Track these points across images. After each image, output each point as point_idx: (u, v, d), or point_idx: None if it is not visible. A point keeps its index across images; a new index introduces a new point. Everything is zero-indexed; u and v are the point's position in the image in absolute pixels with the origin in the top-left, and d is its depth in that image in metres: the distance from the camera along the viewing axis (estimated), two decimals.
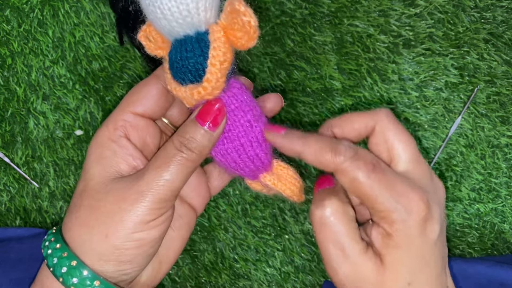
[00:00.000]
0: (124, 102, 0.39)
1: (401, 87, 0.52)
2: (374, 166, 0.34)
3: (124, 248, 0.34)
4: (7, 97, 0.53)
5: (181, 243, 0.41)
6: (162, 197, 0.35)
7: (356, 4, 0.51)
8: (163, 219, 0.35)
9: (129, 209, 0.34)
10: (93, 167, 0.37)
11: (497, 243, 0.53)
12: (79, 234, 0.35)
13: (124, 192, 0.35)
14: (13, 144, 0.53)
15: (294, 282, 0.54)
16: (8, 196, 0.54)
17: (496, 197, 0.52)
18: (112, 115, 0.39)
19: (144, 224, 0.34)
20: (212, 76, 0.34)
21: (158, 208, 0.35)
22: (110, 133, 0.38)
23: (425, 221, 0.33)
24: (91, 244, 0.34)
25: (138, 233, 0.34)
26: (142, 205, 0.34)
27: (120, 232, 0.34)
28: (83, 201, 0.36)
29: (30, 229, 0.52)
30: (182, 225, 0.41)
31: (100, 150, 0.37)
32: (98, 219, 0.35)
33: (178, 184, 0.35)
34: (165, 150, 0.36)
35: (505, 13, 0.51)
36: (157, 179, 0.35)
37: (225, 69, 0.35)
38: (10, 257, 0.47)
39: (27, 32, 0.53)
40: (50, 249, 0.35)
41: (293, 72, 0.52)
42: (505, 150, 0.52)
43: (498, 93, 0.51)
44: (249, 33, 0.34)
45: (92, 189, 0.36)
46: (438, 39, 0.51)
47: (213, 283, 0.54)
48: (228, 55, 0.34)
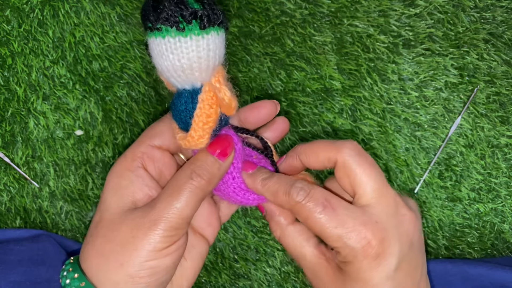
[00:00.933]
0: (143, 136, 0.41)
1: (401, 87, 0.52)
2: (324, 206, 0.35)
3: (138, 277, 0.35)
4: (7, 97, 0.53)
5: (194, 272, 0.42)
6: (174, 225, 0.35)
7: (356, 4, 0.51)
8: (175, 247, 0.36)
9: (142, 237, 0.35)
10: (110, 197, 0.38)
11: (497, 243, 0.53)
12: (95, 264, 0.36)
13: (137, 221, 0.36)
14: (13, 144, 0.53)
15: (294, 282, 0.54)
16: (8, 196, 0.54)
17: (496, 197, 0.52)
18: (131, 148, 0.40)
19: (157, 252, 0.35)
20: (195, 133, 0.37)
21: (170, 235, 0.35)
22: (128, 164, 0.39)
23: (377, 256, 0.35)
24: (107, 274, 0.35)
25: (151, 261, 0.35)
26: (155, 233, 0.35)
27: (134, 261, 0.35)
28: (98, 232, 0.37)
29: (30, 231, 0.52)
30: (195, 255, 0.42)
31: (118, 180, 0.38)
32: (113, 249, 0.36)
33: (188, 211, 0.36)
34: (176, 178, 0.37)
35: (505, 13, 0.51)
36: (169, 207, 0.35)
37: (209, 129, 0.37)
38: (9, 259, 0.47)
39: (27, 32, 0.53)
40: (69, 279, 0.36)
41: (293, 72, 0.52)
42: (505, 150, 0.52)
43: (498, 93, 0.52)
44: (226, 106, 0.37)
45: (108, 219, 0.37)
46: (438, 39, 0.51)
47: (213, 283, 0.55)
48: (212, 117, 0.37)
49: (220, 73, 0.36)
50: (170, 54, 0.35)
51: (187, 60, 0.35)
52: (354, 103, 0.52)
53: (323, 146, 0.38)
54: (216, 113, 0.37)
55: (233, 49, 0.52)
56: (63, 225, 0.53)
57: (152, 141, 0.40)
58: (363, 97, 0.52)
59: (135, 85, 0.53)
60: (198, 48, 0.35)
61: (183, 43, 0.34)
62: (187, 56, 0.35)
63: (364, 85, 0.52)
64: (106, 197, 0.38)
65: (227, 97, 0.36)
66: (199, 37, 0.34)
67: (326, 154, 0.38)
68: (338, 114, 0.52)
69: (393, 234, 0.35)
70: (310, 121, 0.53)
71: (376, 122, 0.52)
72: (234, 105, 0.37)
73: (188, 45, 0.35)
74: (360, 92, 0.52)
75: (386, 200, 0.36)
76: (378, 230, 0.35)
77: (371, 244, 0.34)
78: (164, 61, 0.35)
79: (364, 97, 0.52)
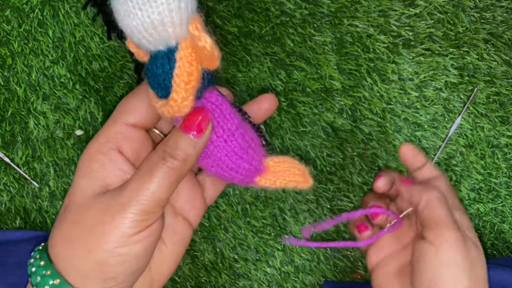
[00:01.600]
0: (116, 113, 0.38)
1: (401, 87, 0.52)
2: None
3: (108, 265, 0.32)
4: (7, 97, 0.53)
5: (175, 259, 0.39)
6: (146, 208, 0.33)
7: (356, 4, 0.51)
8: (147, 233, 0.33)
9: (111, 221, 0.32)
10: (80, 180, 0.35)
11: (496, 243, 0.53)
12: (62, 249, 0.34)
13: (106, 204, 0.33)
14: (13, 144, 0.53)
15: (294, 282, 0.54)
16: (8, 196, 0.54)
17: (496, 197, 0.52)
18: (104, 128, 0.37)
19: (127, 238, 0.32)
20: (177, 95, 0.33)
21: (142, 220, 0.33)
22: (101, 146, 0.36)
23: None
24: (73, 261, 0.33)
25: (121, 247, 0.32)
26: (125, 217, 0.32)
27: (102, 247, 0.32)
28: (66, 216, 0.35)
29: (29, 232, 0.52)
30: (176, 240, 0.39)
31: (88, 163, 0.36)
32: (80, 233, 0.33)
33: (162, 194, 0.33)
34: (149, 159, 0.34)
35: (505, 13, 0.51)
36: (140, 190, 0.33)
37: (192, 88, 0.34)
38: (8, 261, 0.46)
39: (27, 32, 0.53)
40: (34, 266, 0.34)
41: (293, 72, 0.52)
42: (504, 150, 0.52)
43: (498, 93, 0.52)
44: (208, 57, 0.33)
45: (76, 203, 0.35)
46: (437, 39, 0.51)
47: (213, 283, 0.54)
48: (194, 75, 0.33)
49: (197, 20, 0.32)
50: (138, 11, 0.32)
51: (157, 15, 0.32)
52: (354, 103, 0.52)
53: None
54: (197, 70, 0.33)
55: (233, 49, 0.52)
56: None
57: (126, 119, 0.37)
58: (363, 97, 0.52)
59: (135, 85, 0.53)
60: (168, 0, 0.31)
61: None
62: (157, 10, 0.31)
63: (364, 85, 0.52)
64: (76, 181, 0.36)
65: (208, 44, 0.32)
66: None
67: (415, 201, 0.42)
68: (338, 114, 0.52)
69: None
70: (310, 121, 0.53)
71: (376, 122, 0.52)
72: (216, 54, 0.33)
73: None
74: (360, 92, 0.52)
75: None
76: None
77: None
78: (133, 21, 0.32)
79: (364, 97, 0.52)
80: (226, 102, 0.37)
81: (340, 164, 0.53)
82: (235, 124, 0.37)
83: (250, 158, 0.37)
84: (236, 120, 0.37)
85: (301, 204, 0.54)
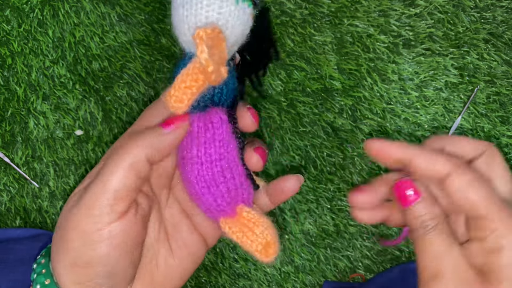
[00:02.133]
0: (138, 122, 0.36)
1: (401, 87, 0.52)
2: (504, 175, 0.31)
3: (77, 266, 0.31)
4: (7, 97, 0.53)
5: (180, 274, 0.37)
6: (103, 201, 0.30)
7: (356, 4, 0.51)
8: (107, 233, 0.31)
9: (73, 218, 0.31)
10: (100, 169, 0.34)
11: None
12: (53, 250, 0.33)
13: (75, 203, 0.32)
14: (13, 144, 0.53)
15: (294, 282, 0.54)
16: (8, 196, 0.54)
17: None
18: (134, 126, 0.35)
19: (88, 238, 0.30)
20: (173, 91, 0.33)
21: (99, 215, 0.30)
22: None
23: None
24: (54, 259, 0.32)
25: (84, 247, 0.31)
26: (82, 213, 0.30)
27: (71, 244, 0.31)
28: (67, 204, 0.34)
29: (30, 230, 0.52)
30: (185, 255, 0.37)
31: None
32: (58, 231, 0.32)
33: (115, 182, 0.30)
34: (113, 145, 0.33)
35: (505, 13, 0.51)
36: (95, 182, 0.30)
37: (190, 94, 0.33)
38: (9, 258, 0.47)
39: (27, 32, 0.53)
40: (36, 263, 0.34)
41: (293, 72, 0.52)
42: (505, 150, 0.52)
43: (498, 93, 0.51)
44: (207, 78, 0.32)
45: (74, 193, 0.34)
46: (438, 39, 0.51)
47: (213, 283, 0.54)
48: (198, 83, 0.32)
49: (209, 30, 0.31)
50: (180, 8, 0.32)
51: (193, 18, 0.32)
52: (354, 103, 0.52)
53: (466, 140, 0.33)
54: (203, 82, 0.32)
55: None
56: None
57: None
58: (363, 97, 0.52)
59: (135, 85, 0.53)
60: (208, 8, 0.31)
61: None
62: (195, 13, 0.31)
63: (364, 85, 0.52)
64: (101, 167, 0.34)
65: (202, 57, 0.31)
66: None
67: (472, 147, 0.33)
68: (338, 114, 0.52)
69: None
70: (310, 121, 0.52)
71: (376, 122, 0.52)
72: (210, 70, 0.31)
73: (199, 1, 0.31)
74: (360, 92, 0.52)
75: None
76: None
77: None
78: (176, 15, 0.32)
79: (364, 97, 0.52)
80: (226, 129, 0.35)
81: (340, 164, 0.53)
82: (219, 154, 0.35)
83: (218, 195, 0.35)
84: (223, 150, 0.35)
85: (301, 204, 0.53)
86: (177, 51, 0.53)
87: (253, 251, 0.35)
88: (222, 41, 0.32)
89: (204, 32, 0.31)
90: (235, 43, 0.34)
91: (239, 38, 0.34)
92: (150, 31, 0.53)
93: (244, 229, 0.35)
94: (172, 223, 0.37)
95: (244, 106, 0.36)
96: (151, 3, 0.52)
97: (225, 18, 0.32)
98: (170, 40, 0.53)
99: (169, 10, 0.53)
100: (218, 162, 0.35)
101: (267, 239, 0.35)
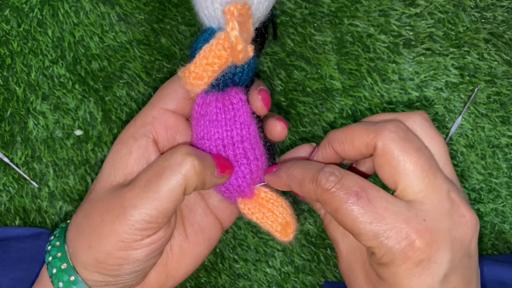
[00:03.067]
0: (155, 97, 0.35)
1: (401, 87, 0.52)
2: (358, 195, 0.29)
3: (106, 263, 0.31)
4: (7, 97, 0.53)
5: (195, 259, 0.36)
6: (146, 218, 0.30)
7: (356, 4, 0.51)
8: (149, 241, 0.31)
9: (111, 225, 0.30)
10: (106, 166, 0.34)
11: (497, 243, 0.53)
12: (72, 237, 0.33)
13: (110, 203, 0.31)
14: (12, 144, 0.53)
15: (294, 283, 0.54)
16: (7, 196, 0.53)
17: (496, 197, 0.52)
18: (142, 111, 0.35)
19: (126, 244, 0.30)
20: (194, 67, 0.32)
21: (141, 229, 0.30)
22: (135, 129, 0.34)
23: (420, 262, 0.28)
24: (78, 251, 0.32)
25: (119, 251, 0.31)
26: (123, 223, 0.30)
27: (100, 247, 0.31)
28: (84, 203, 0.34)
29: (30, 229, 0.52)
30: (201, 240, 0.36)
31: (118, 147, 0.34)
32: (85, 227, 0.32)
33: (168, 205, 0.30)
34: (164, 158, 0.31)
35: (506, 13, 0.51)
36: (145, 195, 0.30)
37: (211, 72, 0.32)
38: (10, 256, 0.47)
39: (26, 32, 0.53)
40: (51, 245, 0.33)
41: (293, 72, 0.52)
42: (505, 150, 0.52)
43: (499, 93, 0.51)
44: (232, 48, 0.31)
45: (95, 191, 0.33)
46: (438, 39, 0.51)
47: (213, 283, 0.54)
48: (220, 60, 0.31)
49: (240, 6, 0.30)
50: None
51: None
52: (354, 103, 0.52)
53: (359, 130, 0.32)
54: (226, 59, 0.31)
55: None
56: None
57: (165, 104, 0.34)
58: (364, 97, 0.52)
59: (134, 85, 0.53)
60: None
61: None
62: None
63: (364, 85, 0.52)
64: (104, 165, 0.34)
65: (233, 34, 0.29)
66: None
67: (363, 140, 0.31)
68: (339, 114, 0.52)
69: (445, 237, 0.29)
70: (310, 121, 0.52)
71: None
72: (240, 48, 0.30)
73: None
74: (361, 92, 0.52)
75: (438, 195, 0.30)
76: (425, 230, 0.28)
77: (414, 246, 0.28)
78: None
79: (365, 97, 0.52)
80: (247, 110, 0.34)
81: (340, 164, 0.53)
82: (240, 136, 0.34)
83: (239, 175, 0.35)
84: (245, 131, 0.34)
85: (301, 204, 0.53)
86: (177, 51, 0.53)
87: (273, 231, 0.35)
88: (250, 18, 0.31)
89: (236, 8, 0.29)
90: (257, 20, 0.33)
91: (263, 15, 0.32)
92: (150, 31, 0.52)
93: (263, 210, 0.35)
94: (187, 206, 0.36)
95: (256, 89, 0.35)
96: (151, 3, 0.52)
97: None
98: (170, 40, 0.52)
99: (168, 10, 0.52)
100: (240, 144, 0.34)
101: (287, 219, 0.35)
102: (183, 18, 0.52)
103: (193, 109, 0.35)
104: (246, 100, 0.35)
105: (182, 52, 0.53)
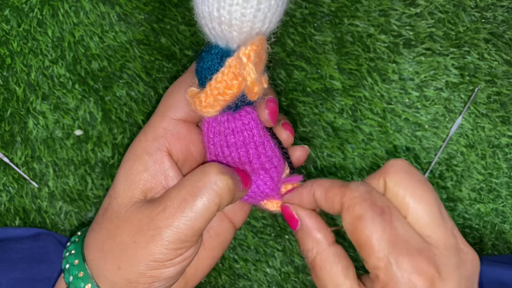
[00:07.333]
0: (162, 107, 0.34)
1: (402, 87, 0.52)
2: (383, 211, 0.28)
3: (137, 282, 0.31)
4: (6, 97, 0.53)
5: (210, 263, 0.37)
6: (182, 237, 0.30)
7: (357, 4, 0.51)
8: (181, 259, 0.32)
9: (144, 246, 0.30)
10: (120, 182, 0.33)
11: (497, 243, 0.53)
12: (94, 257, 0.33)
13: (142, 223, 0.31)
14: (12, 144, 0.53)
15: (294, 283, 0.54)
16: (7, 196, 0.53)
17: (496, 197, 0.52)
18: (151, 123, 0.34)
19: (159, 263, 0.31)
20: (205, 98, 0.31)
21: (176, 248, 0.31)
22: (148, 144, 0.33)
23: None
24: (104, 272, 0.32)
25: (152, 270, 0.31)
26: (158, 244, 0.30)
27: (132, 268, 0.31)
28: (104, 222, 0.33)
29: (30, 229, 0.52)
30: (217, 245, 0.37)
31: (132, 163, 0.33)
32: (112, 248, 0.32)
33: (202, 224, 0.31)
34: (196, 177, 0.31)
35: (506, 12, 0.51)
36: (179, 215, 0.30)
37: (223, 101, 0.31)
38: (10, 257, 0.47)
39: (26, 31, 0.53)
40: (68, 263, 0.33)
41: (293, 72, 0.52)
42: (505, 150, 0.52)
43: (499, 93, 0.51)
44: (247, 88, 0.30)
45: (114, 210, 0.33)
46: (438, 39, 0.51)
47: (213, 283, 0.54)
48: (232, 90, 0.30)
49: (256, 46, 0.29)
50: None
51: (227, 14, 0.28)
52: (354, 103, 0.52)
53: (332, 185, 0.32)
54: (238, 88, 0.30)
55: None
56: (63, 225, 0.53)
57: (174, 113, 0.33)
58: (364, 97, 0.52)
59: (134, 85, 0.53)
60: (245, 4, 0.28)
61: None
62: (229, 8, 0.28)
63: (364, 85, 0.52)
64: (117, 182, 0.33)
65: (250, 79, 0.29)
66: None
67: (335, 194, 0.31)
68: (339, 114, 0.52)
69: (454, 274, 0.28)
70: (310, 121, 0.52)
71: (376, 122, 0.52)
72: (257, 90, 0.30)
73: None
74: (361, 92, 0.52)
75: (444, 232, 0.29)
76: (437, 264, 0.27)
77: (420, 282, 0.27)
78: (203, 4, 0.29)
79: (365, 97, 0.52)
80: (259, 127, 0.34)
81: (340, 164, 0.53)
82: (256, 153, 0.34)
83: (260, 183, 0.35)
84: (261, 148, 0.35)
85: None
86: (177, 51, 0.53)
87: None
88: (265, 52, 0.30)
89: (252, 50, 0.28)
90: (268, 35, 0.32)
91: (273, 29, 0.31)
92: (150, 30, 0.52)
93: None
94: None
95: (263, 101, 0.35)
96: (151, 3, 0.52)
97: (264, 13, 0.29)
98: (169, 40, 0.52)
99: (168, 10, 0.52)
100: (257, 160, 0.34)
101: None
102: (183, 18, 0.52)
103: (203, 125, 0.35)
104: (257, 117, 0.35)
105: (182, 52, 0.53)
